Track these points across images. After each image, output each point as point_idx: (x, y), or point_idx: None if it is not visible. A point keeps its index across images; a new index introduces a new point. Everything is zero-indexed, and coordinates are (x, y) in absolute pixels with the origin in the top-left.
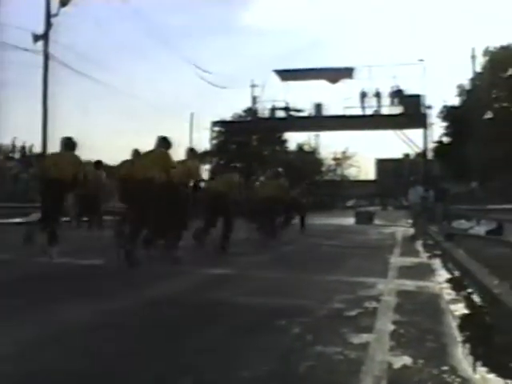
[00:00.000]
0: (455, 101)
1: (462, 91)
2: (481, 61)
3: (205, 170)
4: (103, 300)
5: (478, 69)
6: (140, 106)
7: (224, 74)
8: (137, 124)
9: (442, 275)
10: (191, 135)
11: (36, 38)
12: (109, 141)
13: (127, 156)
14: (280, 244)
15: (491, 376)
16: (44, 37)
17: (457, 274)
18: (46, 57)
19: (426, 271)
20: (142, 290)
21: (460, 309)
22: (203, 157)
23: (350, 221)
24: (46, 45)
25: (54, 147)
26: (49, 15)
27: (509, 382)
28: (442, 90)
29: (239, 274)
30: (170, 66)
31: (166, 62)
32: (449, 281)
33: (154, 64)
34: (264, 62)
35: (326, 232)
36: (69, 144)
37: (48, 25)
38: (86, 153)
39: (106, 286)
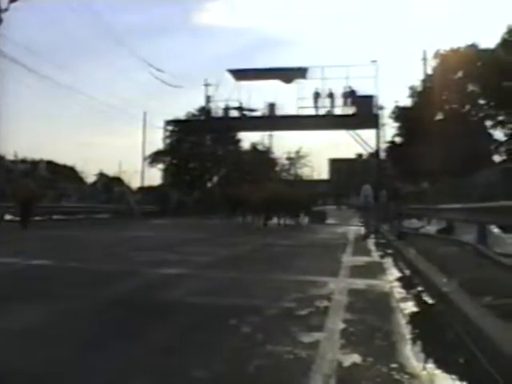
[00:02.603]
0: (407, 102)
1: (414, 92)
2: (432, 63)
3: (158, 171)
4: (50, 301)
5: (429, 71)
6: (93, 105)
7: (179, 74)
8: (90, 124)
9: (393, 274)
10: (145, 135)
11: None
12: (62, 140)
13: (80, 155)
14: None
15: (438, 372)
16: None
17: (407, 272)
18: None
19: (377, 270)
20: (92, 290)
21: (409, 307)
22: (156, 156)
23: (303, 220)
24: None
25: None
26: None
27: (455, 378)
28: (394, 91)
29: (191, 274)
30: (123, 64)
31: (120, 61)
32: (399, 279)
33: (107, 62)
34: (219, 61)
35: (278, 231)
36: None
37: None
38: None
39: (55, 286)
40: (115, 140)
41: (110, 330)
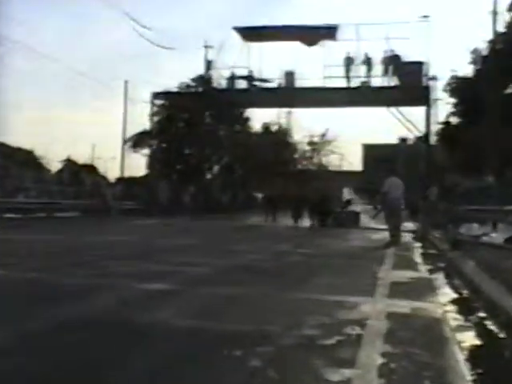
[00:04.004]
0: (468, 70)
1: (478, 57)
2: (505, 17)
3: (143, 157)
4: (8, 321)
5: (501, 28)
6: (55, 69)
7: (170, 32)
8: (53, 94)
9: (447, 294)
10: (125, 110)
11: None
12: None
13: (40, 135)
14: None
15: None
16: None
17: (465, 292)
18: None
19: (425, 289)
20: (50, 308)
21: (469, 338)
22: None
23: (328, 222)
24: None
25: None
26: None
27: None
28: (450, 57)
29: (184, 290)
30: (97, 17)
31: (92, 13)
32: (455, 302)
33: (74, 14)
34: (222, 17)
35: (296, 237)
36: None
37: None
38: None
39: (16, 302)
40: (86, 117)
41: (67, 366)
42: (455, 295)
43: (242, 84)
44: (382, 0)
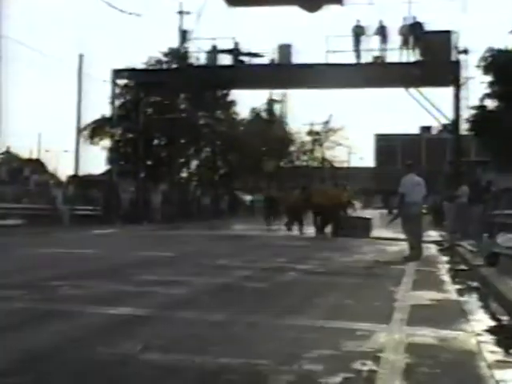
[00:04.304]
0: (507, 41)
1: None
2: None
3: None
4: None
5: None
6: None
7: None
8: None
9: (481, 321)
10: (80, 92)
11: None
12: None
13: None
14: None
15: None
16: None
17: (505, 319)
18: None
19: (454, 314)
20: (5, 338)
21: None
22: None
23: (334, 231)
24: None
25: None
26: None
27: None
28: (485, 26)
29: (154, 316)
30: None
31: None
32: (492, 330)
33: None
34: None
35: (294, 249)
36: None
37: None
38: None
39: None
40: (30, 99)
41: None
42: (492, 322)
43: (225, 59)
44: None
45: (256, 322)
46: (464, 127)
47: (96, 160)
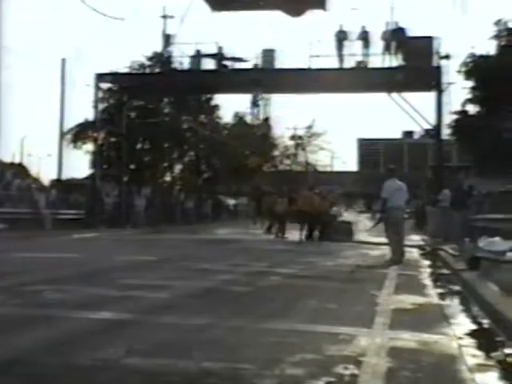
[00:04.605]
0: (489, 47)
1: (502, 31)
2: None
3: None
4: None
5: None
6: None
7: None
8: None
9: (463, 324)
10: (63, 96)
11: None
12: None
13: None
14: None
15: None
16: None
17: (486, 322)
18: None
19: (435, 317)
20: None
21: (492, 381)
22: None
23: (315, 235)
24: None
25: None
26: None
27: None
28: (467, 31)
29: (137, 320)
30: None
31: None
32: (474, 334)
33: None
34: None
35: (277, 253)
36: None
37: None
38: None
39: None
40: (12, 103)
41: None
42: (473, 326)
43: (209, 64)
44: None
45: (238, 326)
46: (446, 132)
47: (79, 164)
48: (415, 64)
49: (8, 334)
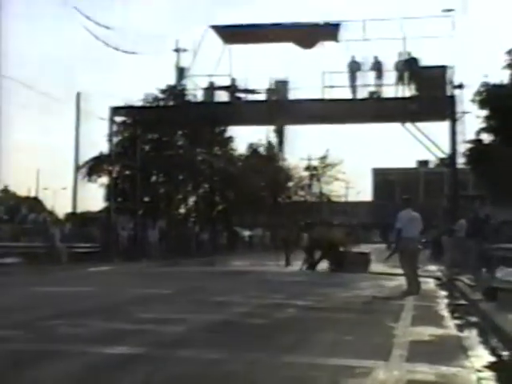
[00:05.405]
0: (503, 76)
1: None
2: None
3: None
4: None
5: None
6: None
7: (133, 32)
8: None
9: (481, 357)
10: (78, 130)
11: None
12: None
13: None
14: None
15: None
16: None
17: (505, 355)
18: None
19: (454, 350)
20: (2, 381)
21: None
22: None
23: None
24: None
25: None
26: None
27: None
28: (480, 59)
29: (155, 354)
30: (41, 13)
31: (43, 12)
32: (492, 366)
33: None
34: (197, 12)
35: (291, 285)
36: None
37: None
38: None
39: None
40: (29, 137)
41: None
42: (492, 358)
43: (222, 96)
44: None
45: (256, 360)
46: (461, 161)
47: (94, 197)
48: (428, 94)
49: (25, 369)
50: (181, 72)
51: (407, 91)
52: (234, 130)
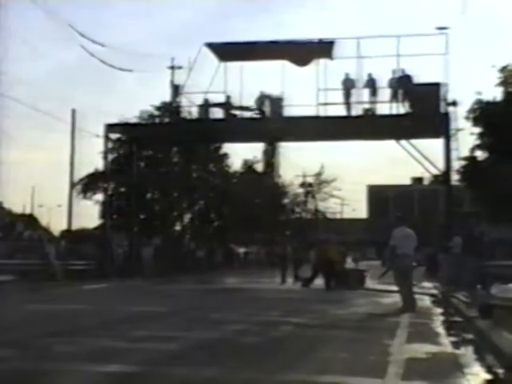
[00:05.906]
0: (496, 93)
1: (508, 77)
2: None
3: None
4: None
5: None
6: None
7: (127, 50)
8: None
9: (477, 375)
10: (73, 147)
11: None
12: None
13: None
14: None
15: None
16: None
17: (501, 373)
18: None
19: (449, 367)
20: None
21: None
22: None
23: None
24: None
25: None
26: None
27: None
28: (474, 77)
29: (149, 372)
30: (36, 30)
31: (30, 23)
32: None
33: (20, 33)
34: (192, 30)
35: (287, 302)
36: None
37: None
38: None
39: None
40: (24, 155)
41: None
42: (488, 376)
43: (217, 113)
44: (391, 10)
45: (251, 378)
46: (455, 178)
47: (89, 214)
48: (422, 111)
49: None
50: (176, 89)
51: (401, 108)
52: (228, 147)
